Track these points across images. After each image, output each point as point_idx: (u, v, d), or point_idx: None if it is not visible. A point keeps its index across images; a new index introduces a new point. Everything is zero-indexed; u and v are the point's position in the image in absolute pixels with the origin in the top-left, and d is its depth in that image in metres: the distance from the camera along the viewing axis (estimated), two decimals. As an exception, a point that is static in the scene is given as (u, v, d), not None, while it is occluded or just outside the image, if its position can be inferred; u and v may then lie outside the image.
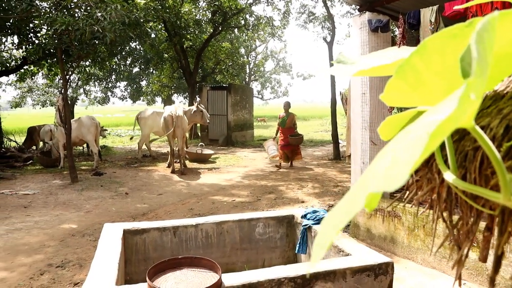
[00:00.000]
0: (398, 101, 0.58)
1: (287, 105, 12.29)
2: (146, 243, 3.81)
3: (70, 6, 8.93)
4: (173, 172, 11.24)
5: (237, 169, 12.07)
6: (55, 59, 12.79)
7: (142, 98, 33.13)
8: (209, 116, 13.36)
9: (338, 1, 18.67)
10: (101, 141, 17.48)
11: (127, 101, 34.75)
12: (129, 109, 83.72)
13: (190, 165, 12.56)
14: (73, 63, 10.90)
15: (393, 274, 3.04)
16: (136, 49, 25.54)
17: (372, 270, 2.94)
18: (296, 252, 4.04)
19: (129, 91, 33.13)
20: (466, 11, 4.50)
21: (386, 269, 3.00)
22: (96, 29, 7.90)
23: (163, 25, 18.29)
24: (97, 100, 33.49)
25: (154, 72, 27.34)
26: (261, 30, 24.86)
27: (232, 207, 7.68)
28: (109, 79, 31.40)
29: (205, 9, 21.26)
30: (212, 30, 20.38)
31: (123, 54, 19.42)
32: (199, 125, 19.68)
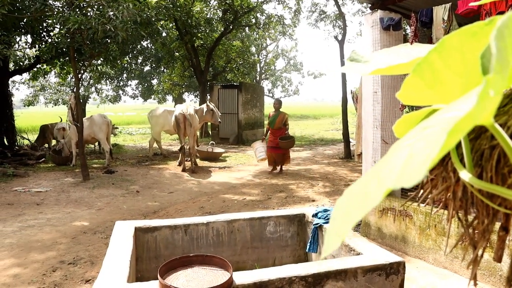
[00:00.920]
0: (414, 99, 0.58)
1: (277, 103, 11.17)
2: (157, 241, 3.83)
3: (82, 5, 8.98)
4: (184, 170, 11.28)
5: (248, 168, 12.08)
6: (68, 58, 12.89)
7: (153, 96, 33.32)
8: (220, 115, 13.36)
9: (349, 0, 18.60)
10: (112, 139, 17.59)
11: (138, 99, 34.97)
12: (140, 107, 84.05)
13: (201, 163, 12.59)
14: (85, 62, 10.97)
15: (404, 273, 3.02)
16: (147, 47, 25.63)
17: (383, 269, 2.93)
18: (307, 251, 4.03)
19: (140, 89, 33.33)
20: (479, 9, 4.46)
21: (397, 269, 2.98)
22: (108, 28, 7.95)
23: (174, 23, 18.34)
24: (108, 98, 33.72)
25: (165, 70, 27.44)
26: (272, 28, 24.84)
27: (242, 206, 7.69)
28: (120, 78, 31.62)
29: (216, 7, 21.29)
30: (223, 28, 20.40)
31: (135, 52, 19.54)
32: (209, 123, 19.70)
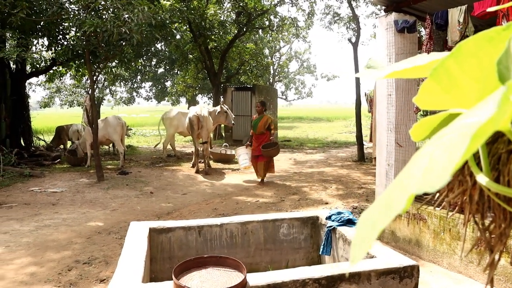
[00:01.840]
0: (431, 103, 0.58)
1: (260, 105, 10.02)
2: (171, 241, 3.86)
3: (98, 8, 9.08)
4: (197, 172, 11.32)
5: (261, 170, 12.10)
6: (83, 60, 13.03)
7: (166, 98, 33.49)
8: (234, 117, 13.41)
9: (363, 2, 18.54)
10: (126, 141, 17.72)
11: (152, 101, 35.20)
12: (154, 109, 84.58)
13: (214, 165, 12.63)
14: (100, 64, 11.08)
15: (418, 277, 3.01)
16: (161, 50, 25.80)
17: (397, 273, 2.92)
18: (320, 253, 4.03)
19: (154, 91, 33.54)
20: (496, 11, 4.43)
21: (411, 272, 2.97)
22: (123, 30, 8.03)
23: (188, 26, 18.44)
24: (122, 100, 33.97)
25: (178, 72, 27.59)
26: (286, 31, 24.87)
27: (256, 208, 7.70)
28: (134, 80, 31.85)
29: (230, 10, 21.37)
30: (236, 31, 20.45)
31: (149, 55, 19.71)
32: (223, 125, 19.75)
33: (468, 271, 4.62)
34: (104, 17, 8.80)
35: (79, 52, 11.08)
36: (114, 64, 14.68)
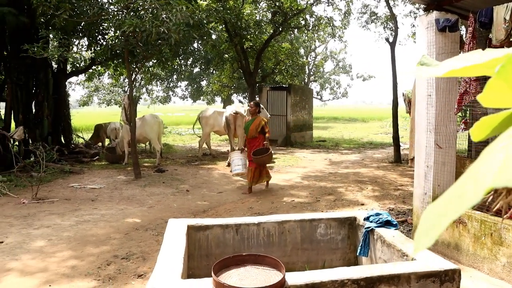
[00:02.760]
0: (496, 101, 0.58)
1: (253, 106, 9.15)
2: (209, 239, 3.90)
3: (137, 8, 9.25)
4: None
5: (296, 170, 12.06)
6: (121, 59, 13.31)
7: (202, 97, 33.81)
8: (269, 116, 13.44)
9: (401, 1, 18.25)
10: (162, 139, 17.98)
11: (187, 100, 35.60)
12: (189, 108, 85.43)
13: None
14: (138, 64, 11.28)
15: (460, 282, 2.95)
16: (197, 49, 26.07)
17: (437, 276, 2.86)
18: (357, 254, 4.00)
19: (189, 90, 33.90)
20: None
21: (452, 276, 2.91)
22: (162, 30, 8.15)
23: (224, 26, 18.55)
24: (158, 99, 34.49)
25: (214, 72, 27.80)
26: (321, 30, 24.70)
27: (291, 207, 7.69)
28: (170, 79, 32.29)
29: (265, 9, 21.38)
30: (272, 30, 20.45)
31: (185, 54, 19.94)
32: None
33: (511, 277, 4.49)
34: (143, 17, 8.95)
35: (118, 51, 11.32)
36: (151, 63, 14.94)
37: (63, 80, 15.60)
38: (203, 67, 30.02)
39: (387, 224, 3.87)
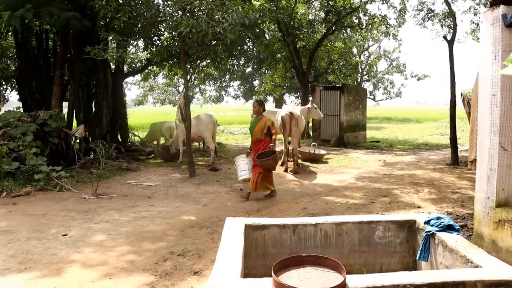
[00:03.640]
0: None
1: (257, 105, 8.51)
2: (265, 239, 3.90)
3: (193, 9, 9.40)
4: (286, 170, 11.39)
5: (350, 170, 11.91)
6: (176, 60, 13.60)
7: (254, 97, 33.98)
8: (323, 116, 13.38)
9: (460, -3, 17.61)
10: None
11: (240, 99, 35.89)
12: (240, 107, 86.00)
13: (302, 164, 12.61)
14: (193, 64, 11.47)
15: (531, 292, 2.81)
16: (249, 49, 26.25)
17: (507, 286, 2.73)
18: (417, 259, 3.89)
19: (242, 90, 34.16)
20: None
21: (523, 286, 2.78)
22: (218, 30, 8.24)
23: (277, 25, 18.56)
24: (211, 98, 34.98)
25: (266, 72, 27.88)
26: (375, 29, 24.28)
27: (346, 209, 7.59)
28: (223, 79, 32.67)
29: (318, 9, 21.24)
30: (325, 30, 20.30)
31: (237, 54, 20.14)
32: (310, 124, 19.70)
33: None
34: (198, 17, 9.08)
35: (173, 52, 11.56)
36: (204, 63, 15.18)
37: (120, 80, 16.12)
38: (256, 66, 30.16)
39: (449, 228, 3.74)
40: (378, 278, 2.67)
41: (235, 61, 26.39)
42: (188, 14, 9.28)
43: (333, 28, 19.83)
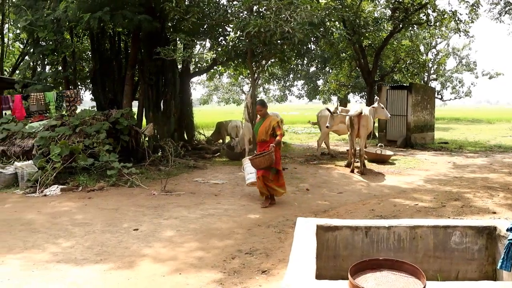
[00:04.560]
0: None
1: (260, 105, 8.06)
2: (337, 240, 3.85)
3: (261, 9, 9.47)
4: (352, 171, 11.21)
5: (418, 172, 11.53)
6: (240, 59, 13.74)
7: (318, 96, 33.76)
8: (389, 116, 13.07)
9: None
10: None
11: (303, 99, 35.76)
12: (303, 107, 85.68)
13: (368, 165, 12.36)
14: (259, 63, 11.54)
15: None
16: (313, 48, 26.12)
17: None
18: (498, 268, 3.69)
19: (306, 89, 34.02)
20: None
21: None
22: (286, 29, 8.24)
23: (342, 24, 18.32)
24: (275, 98, 35.08)
25: (330, 71, 27.62)
26: (445, 26, 23.40)
27: (415, 212, 7.36)
28: (287, 78, 32.68)
29: (385, 6, 20.75)
30: (391, 27, 19.80)
31: (306, 53, 20.08)
32: (376, 125, 19.29)
33: None
34: (266, 17, 9.12)
35: (238, 52, 11.70)
36: (269, 62, 15.23)
37: (187, 79, 16.50)
38: (320, 66, 29.94)
39: (535, 236, 3.53)
40: (460, 286, 2.57)
41: (299, 60, 26.36)
42: (255, 14, 9.35)
43: (400, 25, 19.29)
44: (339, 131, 13.47)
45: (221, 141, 17.21)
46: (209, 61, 17.41)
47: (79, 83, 19.14)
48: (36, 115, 12.95)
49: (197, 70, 19.59)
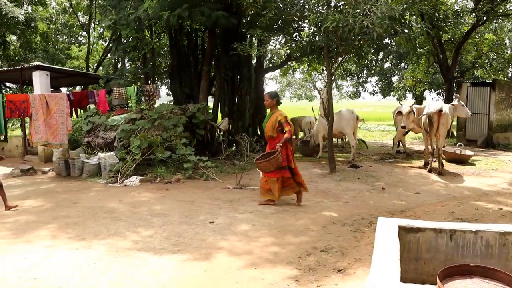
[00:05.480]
0: None
1: (268, 97, 7.40)
2: (419, 242, 3.72)
3: (338, 4, 9.34)
4: (429, 171, 10.80)
5: (502, 174, 10.89)
6: (315, 55, 13.62)
7: (392, 93, 32.89)
8: (470, 115, 12.47)
9: None
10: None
11: (377, 96, 34.98)
12: (376, 104, 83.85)
13: (446, 165, 11.87)
14: (335, 59, 11.38)
15: None
16: (389, 44, 25.46)
17: None
18: None
19: (380, 86, 33.25)
20: None
21: None
22: (365, 24, 8.05)
23: (421, 18, 17.66)
24: (348, 94, 34.55)
25: (406, 67, 26.79)
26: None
27: (499, 216, 6.96)
28: (360, 74, 32.08)
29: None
30: (474, 20, 18.82)
31: (385, 49, 19.63)
32: (455, 123, 18.48)
33: None
34: (345, 12, 8.96)
35: (314, 47, 11.60)
36: (345, 58, 15.01)
37: (261, 75, 16.61)
38: (394, 62, 29.13)
39: None
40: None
41: (374, 56, 25.82)
42: (333, 8, 9.23)
43: (484, 17, 18.28)
44: (415, 129, 13.04)
45: (294, 137, 17.21)
46: (283, 56, 17.45)
47: (156, 78, 19.87)
48: (117, 109, 13.61)
49: (270, 65, 19.67)
